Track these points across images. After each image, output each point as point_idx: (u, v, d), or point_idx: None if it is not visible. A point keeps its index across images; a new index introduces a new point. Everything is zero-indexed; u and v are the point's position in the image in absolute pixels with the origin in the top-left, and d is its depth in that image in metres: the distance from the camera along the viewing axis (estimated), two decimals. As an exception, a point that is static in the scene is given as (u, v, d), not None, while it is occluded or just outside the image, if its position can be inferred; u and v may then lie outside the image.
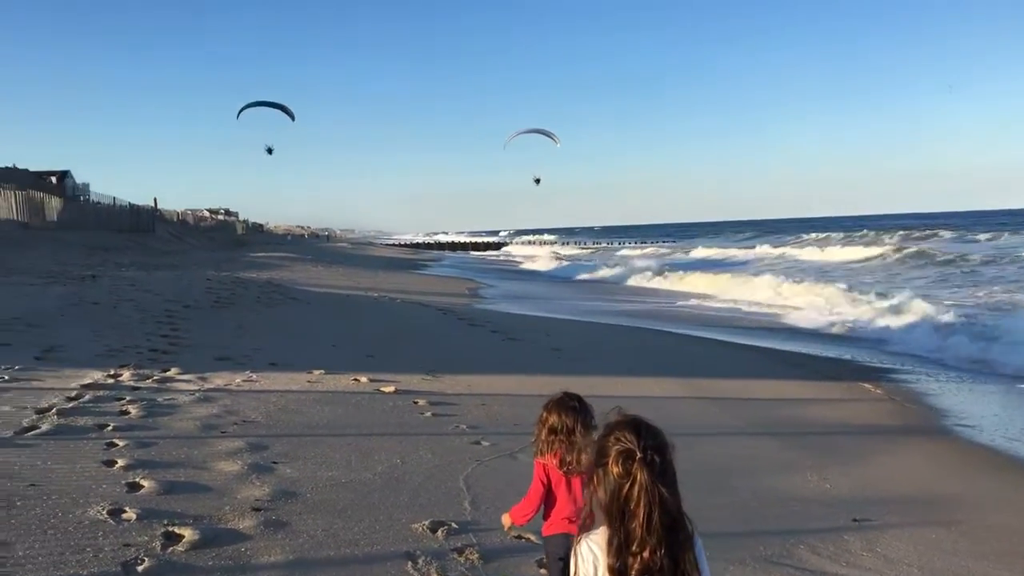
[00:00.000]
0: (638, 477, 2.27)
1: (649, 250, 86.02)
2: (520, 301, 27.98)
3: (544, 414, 3.80)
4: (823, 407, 10.94)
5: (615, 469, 2.30)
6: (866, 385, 12.62)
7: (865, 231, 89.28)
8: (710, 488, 6.95)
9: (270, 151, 34.02)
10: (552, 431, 3.74)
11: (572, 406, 3.75)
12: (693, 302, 29.50)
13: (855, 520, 6.37)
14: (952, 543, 6.03)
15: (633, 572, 2.29)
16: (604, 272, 48.74)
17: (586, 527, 2.46)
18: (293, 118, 31.82)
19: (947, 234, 76.59)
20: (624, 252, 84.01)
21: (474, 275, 45.52)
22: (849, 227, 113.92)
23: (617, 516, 2.30)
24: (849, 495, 7.08)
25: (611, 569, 2.31)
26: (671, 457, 2.34)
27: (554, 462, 3.71)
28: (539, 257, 75.05)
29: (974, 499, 7.25)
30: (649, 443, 2.30)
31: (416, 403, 9.35)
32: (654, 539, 2.27)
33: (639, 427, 2.35)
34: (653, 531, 2.27)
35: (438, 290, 30.23)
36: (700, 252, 74.93)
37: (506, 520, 3.92)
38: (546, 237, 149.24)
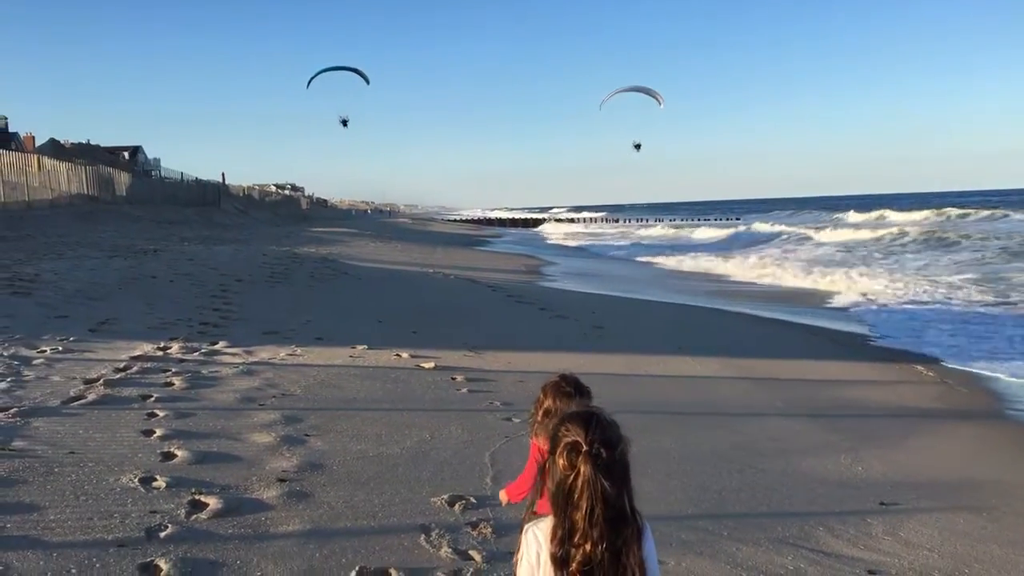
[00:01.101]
0: (582, 470, 2.28)
1: (656, 230, 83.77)
2: (577, 277, 27.95)
3: (541, 396, 3.82)
4: (868, 388, 10.74)
5: (561, 461, 2.32)
6: (919, 367, 12.35)
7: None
8: (739, 468, 6.94)
9: (345, 123, 31.35)
10: (547, 414, 3.77)
11: (567, 391, 3.76)
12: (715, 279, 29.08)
13: (882, 504, 6.29)
14: (980, 529, 5.92)
15: (574, 564, 2.31)
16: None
17: (533, 513, 2.49)
18: (368, 81, 29.14)
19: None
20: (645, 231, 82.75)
21: (533, 251, 45.58)
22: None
23: (562, 507, 2.32)
24: (881, 478, 6.98)
25: (553, 558, 2.33)
26: (623, 452, 2.34)
27: (547, 445, 3.75)
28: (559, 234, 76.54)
29: (1012, 485, 7.07)
30: (597, 436, 2.30)
31: (454, 379, 9.47)
32: (596, 532, 2.28)
33: (589, 420, 2.36)
34: (595, 524, 2.28)
35: (491, 266, 30.36)
36: (702, 232, 72.69)
37: (503, 496, 3.99)
38: (588, 215, 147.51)
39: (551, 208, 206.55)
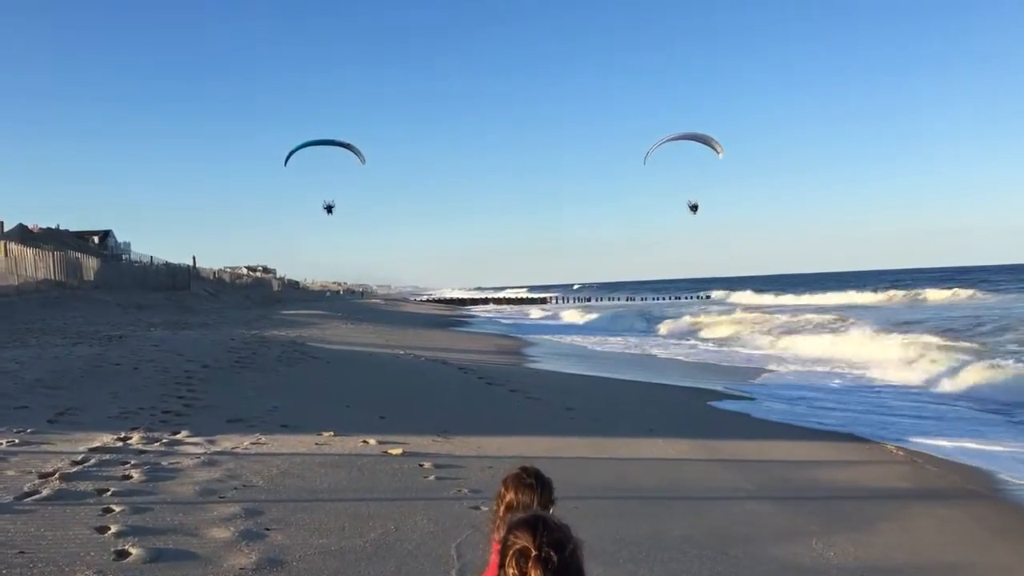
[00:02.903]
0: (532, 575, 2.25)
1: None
2: (552, 358, 27.92)
3: (502, 490, 3.76)
4: (836, 469, 10.71)
5: (511, 570, 2.30)
6: (888, 446, 12.36)
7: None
8: (711, 556, 6.84)
9: (330, 209, 26.55)
10: (509, 508, 3.70)
11: (529, 483, 3.70)
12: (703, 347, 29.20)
13: (854, 591, 6.20)
14: (953, 616, 5.84)
15: None
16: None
17: None
18: (363, 160, 25.15)
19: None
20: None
21: (503, 330, 45.61)
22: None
23: None
24: (853, 565, 6.89)
25: None
26: (572, 553, 2.31)
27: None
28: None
29: (987, 568, 7.04)
30: (544, 540, 2.28)
31: (422, 466, 9.33)
32: None
33: (536, 524, 2.33)
34: None
35: (462, 347, 30.29)
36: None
37: None
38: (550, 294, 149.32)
39: (545, 285, 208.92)
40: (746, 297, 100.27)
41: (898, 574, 6.73)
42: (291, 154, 24.87)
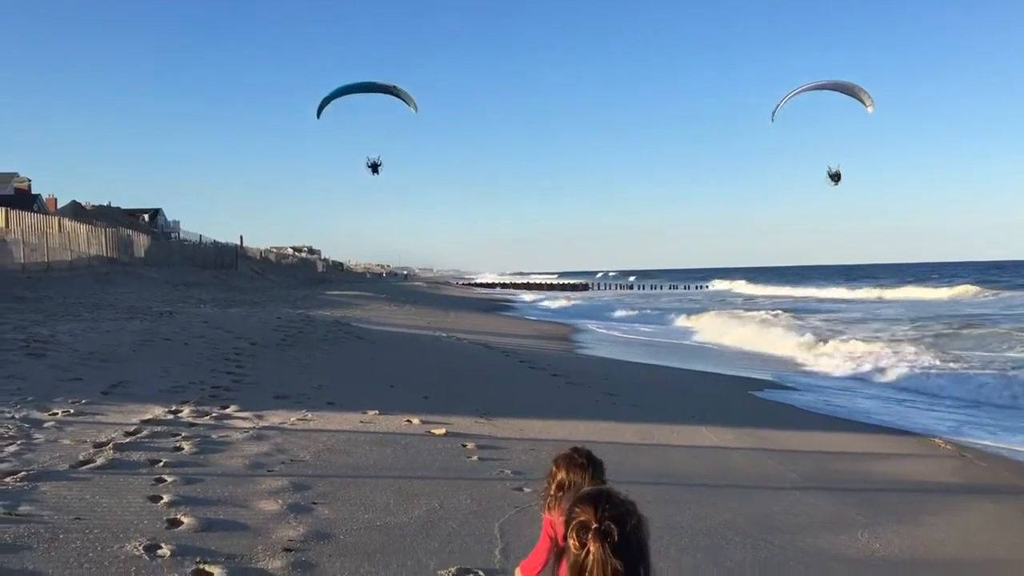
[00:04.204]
0: (591, 549, 2.27)
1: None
2: (593, 344, 27.89)
3: (553, 469, 3.79)
4: (884, 461, 10.58)
5: (572, 542, 2.32)
6: (936, 440, 12.17)
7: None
8: (754, 544, 6.80)
9: (375, 168, 22.49)
10: (560, 487, 3.72)
11: (580, 463, 3.72)
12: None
13: (901, 583, 6.14)
14: (1002, 612, 5.76)
15: None
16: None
17: None
18: (415, 107, 20.99)
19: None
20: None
21: (545, 316, 45.61)
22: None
23: None
24: (900, 557, 6.82)
25: None
26: (634, 529, 2.32)
27: (561, 519, 3.70)
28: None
29: (1034, 565, 6.90)
30: (606, 515, 2.30)
31: (464, 446, 9.39)
32: None
33: (599, 499, 2.35)
34: None
35: (505, 330, 30.35)
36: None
37: (518, 574, 3.92)
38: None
39: (593, 272, 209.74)
40: (748, 288, 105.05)
41: (945, 568, 6.64)
42: (325, 103, 20.72)
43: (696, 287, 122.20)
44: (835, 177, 22.45)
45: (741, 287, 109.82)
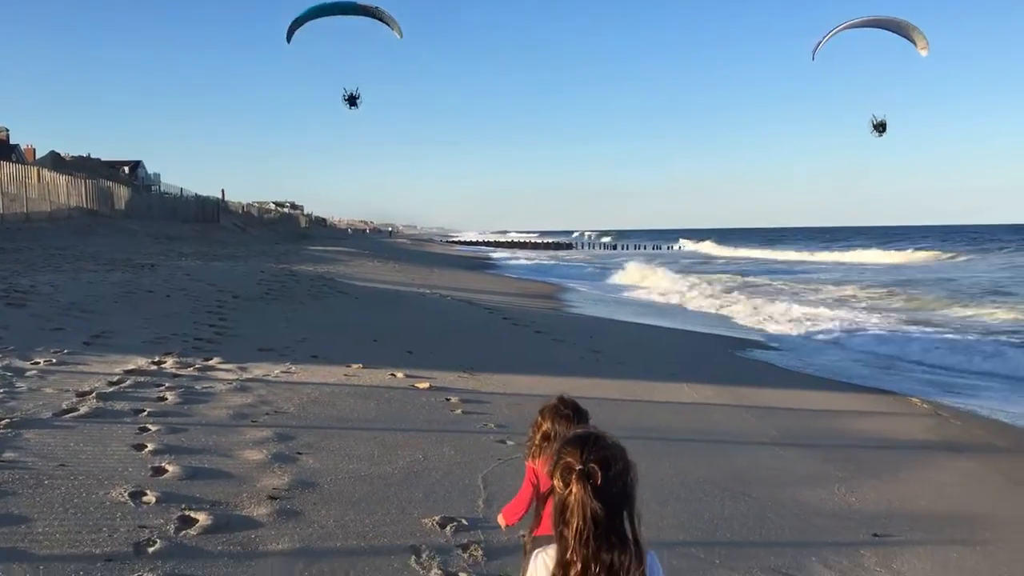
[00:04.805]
0: (573, 490, 2.29)
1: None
2: (578, 303, 27.97)
3: (539, 419, 3.83)
4: (862, 419, 10.73)
5: (557, 482, 2.35)
6: (913, 399, 12.34)
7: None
8: (733, 497, 6.90)
9: (353, 101, 20.11)
10: (545, 437, 3.76)
11: (566, 414, 3.76)
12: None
13: (875, 535, 6.26)
14: (974, 563, 5.89)
15: None
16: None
17: (532, 538, 2.52)
18: (399, 31, 18.31)
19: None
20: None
21: (528, 274, 45.65)
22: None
23: (557, 527, 2.35)
24: (874, 510, 6.95)
25: None
26: (619, 473, 2.34)
27: (544, 468, 3.74)
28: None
29: (1006, 519, 7.05)
30: (591, 457, 2.32)
31: (448, 400, 9.44)
32: (587, 551, 2.29)
33: (586, 441, 2.37)
34: (585, 543, 2.29)
35: (489, 288, 30.37)
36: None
37: (501, 520, 3.99)
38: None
39: (571, 232, 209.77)
40: (712, 248, 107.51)
41: (919, 521, 6.76)
42: (296, 24, 18.05)
43: (667, 247, 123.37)
44: (880, 127, 20.68)
45: (707, 247, 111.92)
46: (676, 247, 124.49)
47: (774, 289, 36.75)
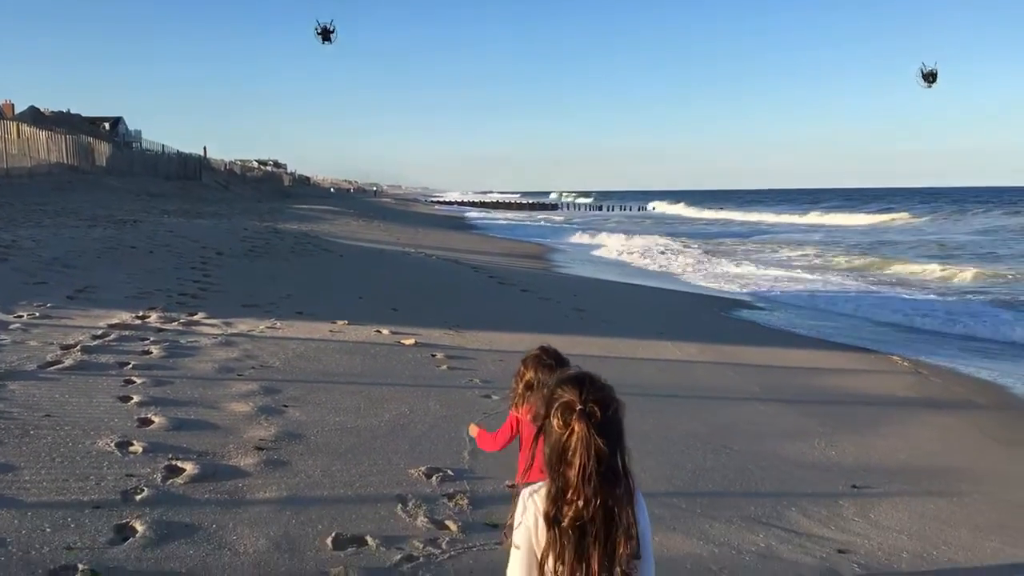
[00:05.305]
0: (576, 428, 2.32)
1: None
2: (564, 263, 28.00)
3: (521, 369, 3.87)
4: (842, 376, 10.86)
5: (555, 421, 2.36)
6: (894, 357, 12.48)
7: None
8: (714, 449, 7.01)
9: (327, 35, 18.19)
10: (528, 386, 3.80)
11: (548, 363, 3.80)
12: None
13: (854, 487, 6.37)
14: (950, 513, 6.01)
15: (566, 520, 2.34)
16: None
17: (527, 477, 2.54)
18: None
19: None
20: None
21: (516, 234, 45.60)
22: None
23: (556, 466, 2.36)
24: (854, 463, 7.07)
25: (546, 517, 2.37)
26: (615, 413, 2.38)
27: (528, 417, 3.78)
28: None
29: (982, 473, 7.20)
30: (590, 397, 2.35)
31: (434, 356, 9.47)
32: (589, 489, 2.32)
33: (582, 381, 2.40)
34: (588, 481, 2.32)
35: (474, 248, 30.35)
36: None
37: (472, 430, 4.32)
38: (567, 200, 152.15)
39: (548, 193, 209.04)
40: (684, 210, 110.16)
41: (895, 475, 6.88)
42: None
43: (638, 208, 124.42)
44: (930, 77, 18.92)
45: (679, 209, 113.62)
46: (650, 207, 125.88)
47: (725, 249, 38.06)
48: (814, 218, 80.00)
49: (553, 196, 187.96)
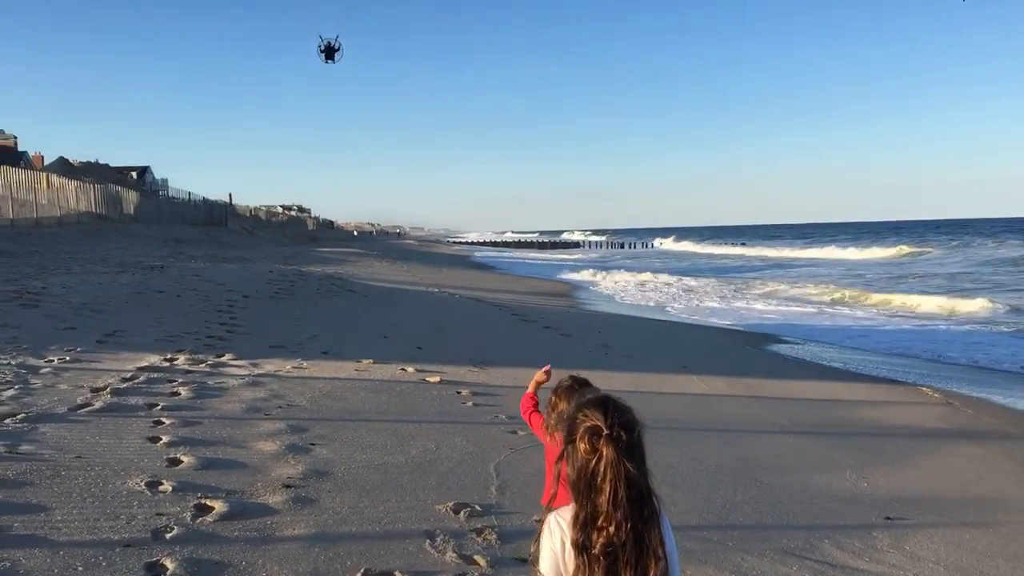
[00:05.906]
0: (604, 453, 2.29)
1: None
2: (586, 301, 27.98)
3: (553, 399, 3.88)
4: (872, 408, 10.74)
5: (582, 446, 2.33)
6: (924, 388, 12.33)
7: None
8: (745, 483, 6.93)
9: (330, 53, 18.16)
10: (561, 417, 3.81)
11: (579, 391, 3.81)
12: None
13: (888, 518, 6.27)
14: (986, 544, 5.91)
15: (597, 547, 2.31)
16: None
17: (553, 501, 2.51)
18: None
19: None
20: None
21: (535, 272, 45.66)
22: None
23: (584, 492, 2.32)
24: (886, 494, 6.96)
25: (575, 544, 2.33)
26: (639, 435, 2.36)
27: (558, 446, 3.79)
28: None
29: (1017, 502, 7.07)
30: (616, 420, 2.33)
31: (459, 393, 9.47)
32: (620, 514, 2.29)
33: (607, 405, 2.38)
34: (619, 506, 2.29)
35: (496, 286, 30.41)
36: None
37: (531, 384, 4.64)
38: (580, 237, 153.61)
39: (561, 232, 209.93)
40: (688, 247, 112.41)
41: (928, 505, 6.78)
42: None
43: (643, 246, 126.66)
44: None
45: (684, 246, 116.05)
46: (657, 244, 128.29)
47: (741, 284, 38.08)
48: (833, 252, 79.51)
49: (565, 235, 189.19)
